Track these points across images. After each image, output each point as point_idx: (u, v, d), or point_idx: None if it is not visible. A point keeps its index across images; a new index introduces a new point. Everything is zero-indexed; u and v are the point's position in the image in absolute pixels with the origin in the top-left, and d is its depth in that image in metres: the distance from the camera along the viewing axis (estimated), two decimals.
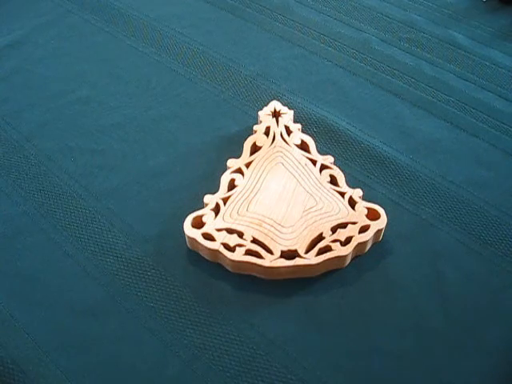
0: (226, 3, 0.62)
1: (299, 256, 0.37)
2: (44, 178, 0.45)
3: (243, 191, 0.41)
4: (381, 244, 0.40)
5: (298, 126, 0.46)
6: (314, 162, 0.43)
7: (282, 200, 0.40)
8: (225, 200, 0.40)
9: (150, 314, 0.37)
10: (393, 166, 0.45)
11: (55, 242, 0.40)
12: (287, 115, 0.46)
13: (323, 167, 0.43)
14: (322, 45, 0.57)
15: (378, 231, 0.39)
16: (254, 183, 0.41)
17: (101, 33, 0.58)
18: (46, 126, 0.49)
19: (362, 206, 0.40)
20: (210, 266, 0.39)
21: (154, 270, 0.39)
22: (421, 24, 0.60)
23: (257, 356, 0.35)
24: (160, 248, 0.40)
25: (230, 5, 0.62)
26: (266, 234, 0.38)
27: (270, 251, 0.37)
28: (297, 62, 0.55)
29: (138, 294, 0.38)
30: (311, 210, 0.40)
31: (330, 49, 0.57)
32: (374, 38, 0.58)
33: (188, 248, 0.40)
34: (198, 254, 0.39)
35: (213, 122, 0.49)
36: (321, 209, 0.40)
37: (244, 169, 0.42)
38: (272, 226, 0.39)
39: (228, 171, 0.42)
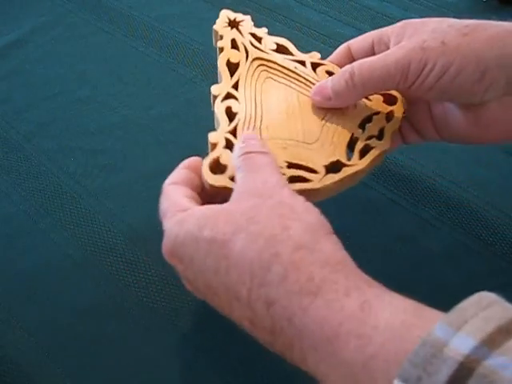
0: (226, 3, 0.62)
1: (345, 165, 0.33)
2: (44, 177, 0.45)
3: (247, 118, 0.35)
4: (380, 244, 0.40)
5: (264, 29, 0.40)
6: (302, 63, 0.38)
7: (292, 116, 0.35)
8: (233, 133, 0.34)
9: (149, 313, 0.37)
10: (393, 166, 0.45)
11: (55, 242, 0.40)
12: (246, 22, 0.40)
13: (315, 65, 0.38)
14: (322, 45, 0.57)
15: (398, 117, 0.36)
16: (254, 107, 0.35)
17: (101, 33, 0.58)
18: (46, 126, 0.49)
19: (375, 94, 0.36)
20: None
21: (153, 270, 0.39)
22: None
23: (257, 356, 0.34)
24: (160, 248, 0.40)
25: (230, 5, 0.62)
26: (297, 156, 0.34)
27: (312, 170, 0.33)
28: None
29: (138, 294, 0.38)
30: (327, 115, 0.35)
31: (330, 49, 0.56)
32: None
33: None
34: None
35: (213, 122, 0.49)
36: (337, 110, 0.35)
37: (234, 92, 0.36)
38: (297, 146, 0.34)
39: (218, 100, 0.36)
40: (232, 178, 0.31)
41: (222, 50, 0.39)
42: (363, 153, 0.34)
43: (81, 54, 0.56)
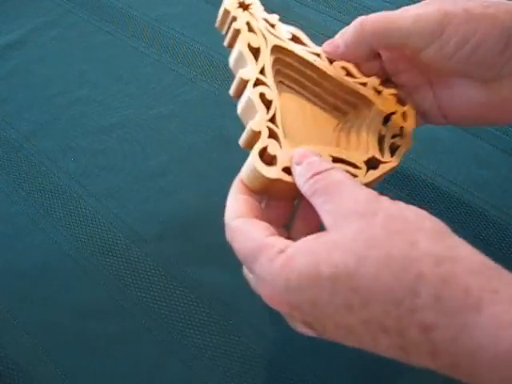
0: None
1: (381, 162, 0.33)
2: (44, 177, 0.45)
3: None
4: None
5: (276, 16, 0.37)
6: (317, 56, 0.36)
7: (306, 124, 0.34)
8: (273, 121, 0.31)
9: (149, 314, 0.37)
10: None
11: (55, 242, 0.40)
12: (256, 6, 0.37)
13: (330, 59, 0.36)
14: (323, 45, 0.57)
15: (412, 117, 0.35)
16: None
17: (101, 33, 0.58)
18: (46, 126, 0.49)
19: (387, 93, 0.35)
20: (210, 265, 0.39)
21: (154, 270, 0.39)
22: None
23: (257, 356, 0.35)
24: (160, 248, 0.40)
25: None
26: (336, 151, 0.32)
27: (354, 165, 0.32)
28: None
29: (138, 294, 0.38)
30: (341, 120, 0.35)
31: None
32: None
33: (187, 248, 0.40)
34: (198, 255, 0.39)
35: (213, 122, 0.49)
36: (352, 115, 0.35)
37: (263, 78, 0.32)
38: (325, 149, 0.32)
39: (250, 85, 0.32)
40: (284, 170, 0.29)
41: (237, 32, 0.35)
42: (392, 149, 0.34)
43: (81, 54, 0.56)
